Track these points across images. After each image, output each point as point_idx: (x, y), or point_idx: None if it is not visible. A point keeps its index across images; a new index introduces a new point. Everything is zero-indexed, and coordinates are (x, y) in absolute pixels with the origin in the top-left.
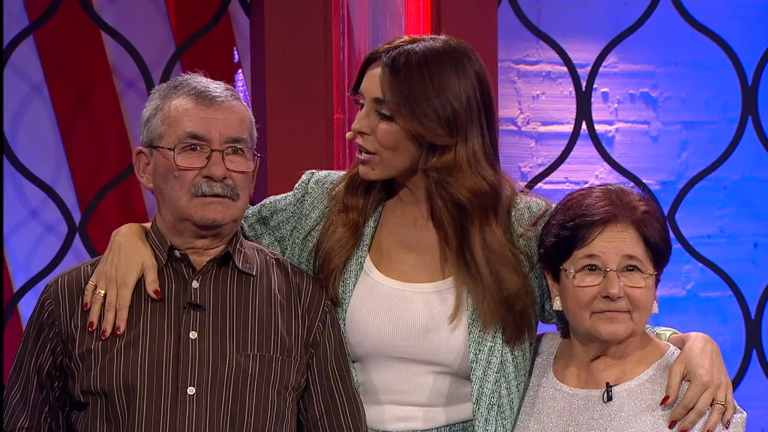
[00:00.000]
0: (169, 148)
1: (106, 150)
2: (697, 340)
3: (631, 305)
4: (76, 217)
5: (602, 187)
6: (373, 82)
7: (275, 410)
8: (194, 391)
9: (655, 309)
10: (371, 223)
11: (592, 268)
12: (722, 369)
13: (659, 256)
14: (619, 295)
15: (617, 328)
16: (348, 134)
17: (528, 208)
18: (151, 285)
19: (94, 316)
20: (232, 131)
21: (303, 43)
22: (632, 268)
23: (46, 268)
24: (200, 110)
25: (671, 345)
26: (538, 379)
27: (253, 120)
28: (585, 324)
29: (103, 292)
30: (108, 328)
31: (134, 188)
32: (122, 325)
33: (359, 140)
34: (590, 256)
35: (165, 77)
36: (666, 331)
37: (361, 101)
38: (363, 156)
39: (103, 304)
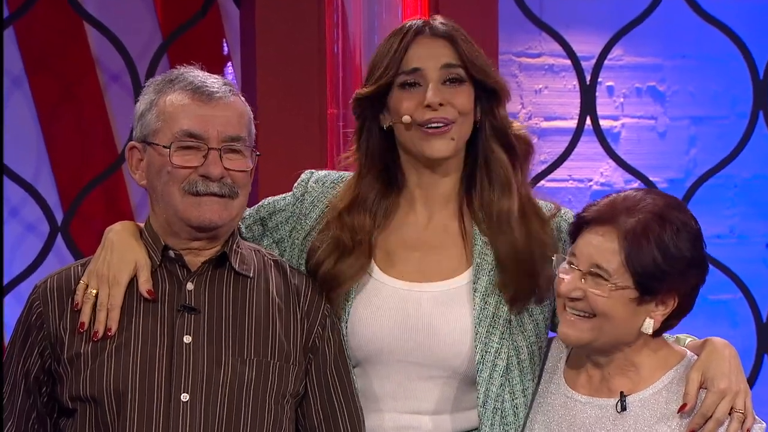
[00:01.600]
0: (164, 146)
1: (89, 146)
2: (715, 345)
3: (593, 311)
4: (59, 216)
5: (629, 190)
6: (438, 52)
7: (272, 418)
8: (188, 397)
9: (646, 329)
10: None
11: (571, 266)
12: (741, 375)
13: (644, 279)
14: (575, 296)
15: (569, 331)
16: (405, 118)
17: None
18: (145, 285)
19: (85, 317)
20: (230, 129)
21: (295, 35)
22: (596, 275)
23: (26, 270)
24: (197, 107)
25: (689, 351)
26: (548, 384)
27: (252, 116)
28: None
29: (94, 291)
30: (99, 329)
31: (119, 186)
32: (114, 326)
33: (437, 113)
34: (572, 254)
35: (151, 70)
36: (686, 338)
37: (410, 80)
38: (443, 128)
39: (95, 304)
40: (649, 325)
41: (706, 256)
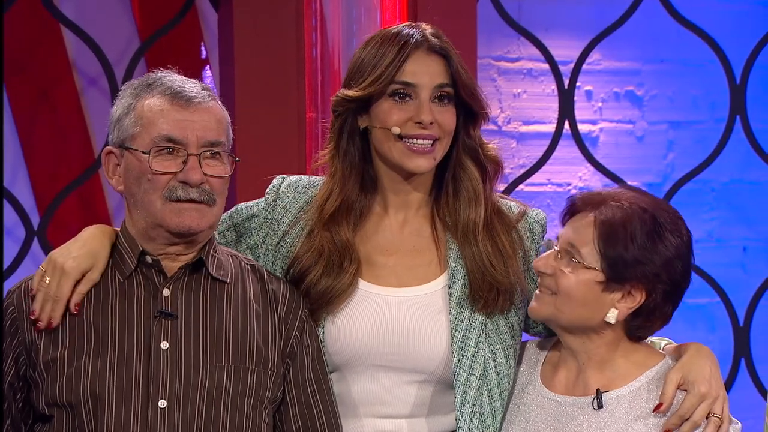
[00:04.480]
0: (143, 152)
1: (66, 150)
2: (697, 350)
3: (557, 288)
4: (35, 220)
5: (623, 187)
6: (433, 69)
7: (250, 425)
8: (166, 404)
9: (610, 318)
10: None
11: (554, 246)
12: (720, 382)
13: (612, 264)
14: (544, 271)
15: (534, 304)
16: (395, 129)
17: (509, 210)
18: (76, 296)
19: (37, 305)
20: (209, 134)
21: (274, 38)
22: (569, 254)
23: (2, 275)
24: (176, 111)
25: (667, 355)
26: (524, 386)
27: (230, 120)
28: None
29: (48, 279)
30: (44, 319)
31: (96, 190)
32: (54, 321)
33: (425, 131)
34: (558, 237)
35: (129, 74)
36: (661, 341)
37: (402, 91)
38: (429, 148)
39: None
40: (612, 316)
41: (687, 266)
